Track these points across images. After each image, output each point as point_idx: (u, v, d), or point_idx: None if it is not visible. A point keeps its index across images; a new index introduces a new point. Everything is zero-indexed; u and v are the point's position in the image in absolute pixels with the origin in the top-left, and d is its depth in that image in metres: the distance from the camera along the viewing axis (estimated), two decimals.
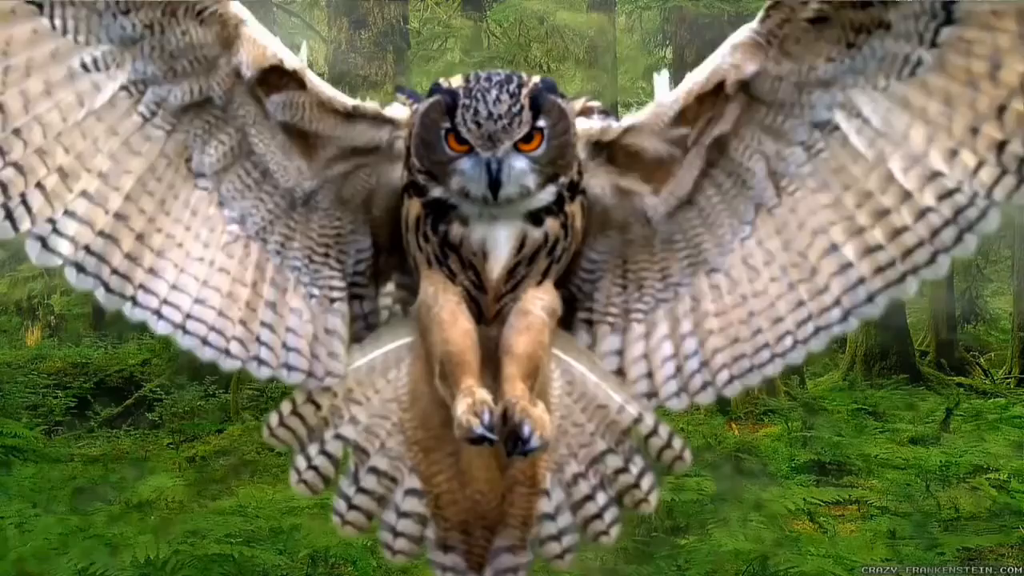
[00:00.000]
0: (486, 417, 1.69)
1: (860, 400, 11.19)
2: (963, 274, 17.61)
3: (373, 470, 1.92)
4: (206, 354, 1.78)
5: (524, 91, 1.72)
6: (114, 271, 1.71)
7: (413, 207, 1.82)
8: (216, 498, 6.19)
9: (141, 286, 1.73)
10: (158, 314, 1.75)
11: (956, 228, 1.68)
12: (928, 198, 1.67)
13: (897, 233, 1.70)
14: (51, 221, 1.66)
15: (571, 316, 1.93)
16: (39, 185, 1.64)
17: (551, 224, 1.80)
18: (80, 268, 1.69)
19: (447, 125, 1.72)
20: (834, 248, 1.74)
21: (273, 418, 1.91)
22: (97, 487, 6.32)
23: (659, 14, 13.43)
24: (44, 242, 1.66)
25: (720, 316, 1.83)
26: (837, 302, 1.76)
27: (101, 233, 1.70)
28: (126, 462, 7.32)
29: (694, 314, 1.85)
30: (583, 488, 1.92)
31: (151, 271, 1.74)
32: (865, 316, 1.74)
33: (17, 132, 1.62)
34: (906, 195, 1.69)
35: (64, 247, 1.67)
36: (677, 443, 1.92)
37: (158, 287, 1.75)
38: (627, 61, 14.45)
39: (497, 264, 1.81)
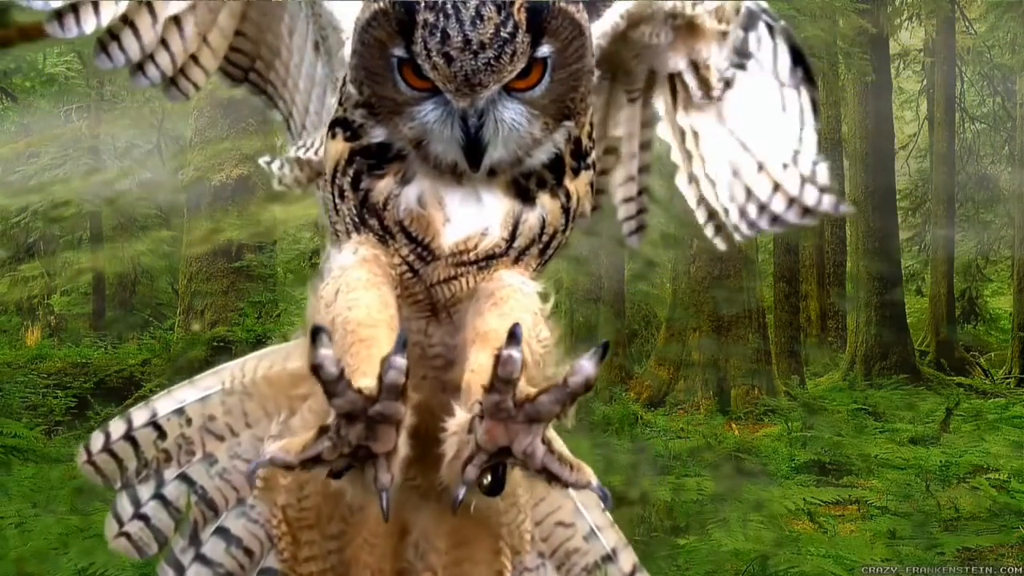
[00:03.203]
0: (397, 361, 1.04)
1: (860, 400, 11.19)
2: (963, 274, 17.63)
3: (222, 533, 1.40)
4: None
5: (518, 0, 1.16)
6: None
7: (335, 148, 1.30)
8: None
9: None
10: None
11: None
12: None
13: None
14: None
15: None
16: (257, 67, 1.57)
17: (549, 204, 1.29)
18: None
19: (400, 53, 1.19)
20: None
21: (96, 440, 1.46)
22: (97, 487, 6.31)
23: None
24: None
25: None
26: None
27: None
28: None
29: None
30: None
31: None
32: None
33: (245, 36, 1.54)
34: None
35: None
36: None
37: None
38: None
39: (452, 233, 1.27)
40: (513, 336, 1.04)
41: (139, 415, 1.45)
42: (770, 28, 1.56)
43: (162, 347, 10.79)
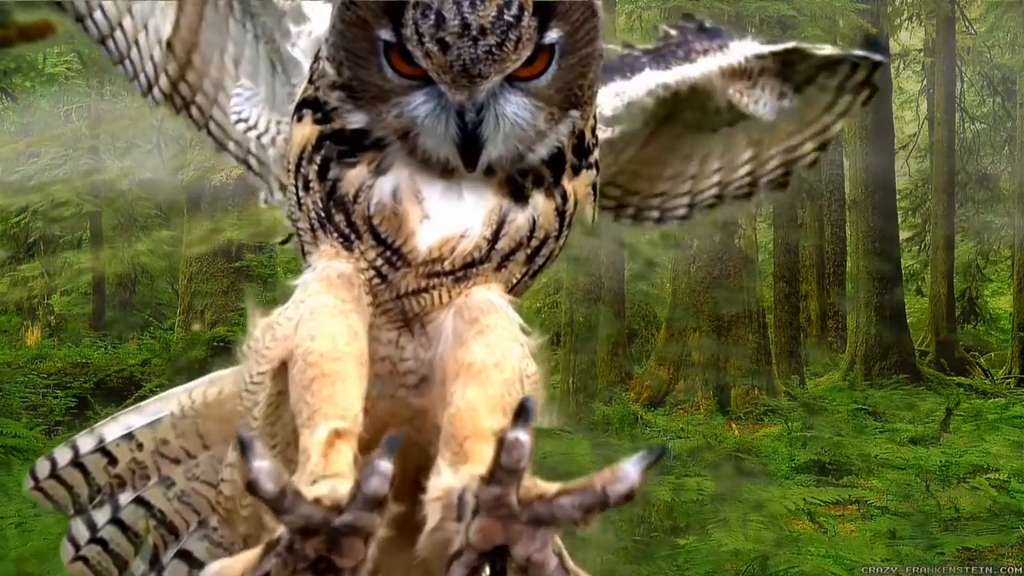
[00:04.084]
0: (382, 466, 0.84)
1: (860, 400, 11.20)
2: (963, 274, 17.62)
3: (185, 556, 1.34)
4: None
5: None
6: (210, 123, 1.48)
7: (301, 132, 1.15)
8: None
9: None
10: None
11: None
12: None
13: None
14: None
15: None
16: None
17: (542, 205, 1.13)
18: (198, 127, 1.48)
19: (388, 36, 1.03)
20: None
21: (43, 466, 1.39)
22: None
23: (659, 14, 13.48)
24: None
25: None
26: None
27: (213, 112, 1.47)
28: None
29: None
30: None
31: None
32: None
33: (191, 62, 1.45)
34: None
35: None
36: None
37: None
38: None
39: (427, 236, 1.11)
40: (522, 413, 0.84)
41: (85, 442, 1.37)
42: (854, 65, 1.50)
43: (162, 347, 10.81)
